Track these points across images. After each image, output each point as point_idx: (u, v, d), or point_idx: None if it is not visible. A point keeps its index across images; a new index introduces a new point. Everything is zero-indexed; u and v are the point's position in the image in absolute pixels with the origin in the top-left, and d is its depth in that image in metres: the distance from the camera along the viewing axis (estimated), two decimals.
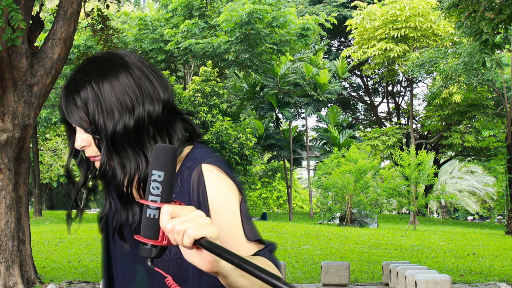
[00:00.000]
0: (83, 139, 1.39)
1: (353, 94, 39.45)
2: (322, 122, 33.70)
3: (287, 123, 32.16)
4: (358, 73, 36.10)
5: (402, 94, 37.05)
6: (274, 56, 26.62)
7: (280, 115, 31.52)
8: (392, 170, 23.24)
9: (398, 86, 36.64)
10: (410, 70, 24.02)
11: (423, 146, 31.05)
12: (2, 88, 7.95)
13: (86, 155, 1.42)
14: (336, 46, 39.39)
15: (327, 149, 30.85)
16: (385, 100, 37.59)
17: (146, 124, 1.36)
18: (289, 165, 31.26)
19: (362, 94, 39.38)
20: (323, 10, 32.72)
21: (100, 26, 10.43)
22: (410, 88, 30.38)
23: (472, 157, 32.42)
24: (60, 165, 30.92)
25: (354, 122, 37.64)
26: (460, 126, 27.56)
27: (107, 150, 1.36)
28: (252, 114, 32.43)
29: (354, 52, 27.41)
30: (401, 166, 21.96)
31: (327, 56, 36.38)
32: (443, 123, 28.21)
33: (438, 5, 23.98)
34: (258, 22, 24.71)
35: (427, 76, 28.41)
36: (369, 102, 38.41)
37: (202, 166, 1.38)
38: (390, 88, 36.44)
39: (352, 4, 31.89)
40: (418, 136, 32.20)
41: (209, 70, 24.84)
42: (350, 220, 22.10)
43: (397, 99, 36.86)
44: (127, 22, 27.65)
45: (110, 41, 10.35)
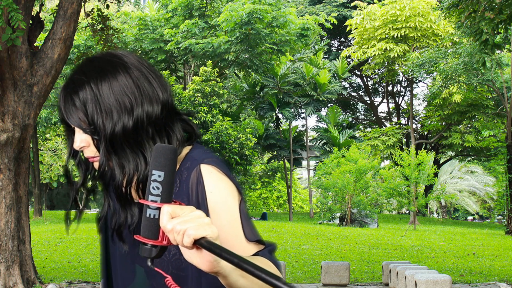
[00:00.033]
0: (82, 140, 1.39)
1: (353, 94, 39.44)
2: (322, 122, 33.70)
3: (287, 123, 32.16)
4: (358, 73, 36.09)
5: (402, 94, 37.05)
6: (274, 56, 26.61)
7: (280, 115, 31.52)
8: (392, 170, 23.23)
9: (398, 86, 36.64)
10: (410, 70, 24.01)
11: (423, 146, 31.05)
12: (2, 88, 7.95)
13: (85, 156, 1.42)
14: (336, 46, 39.39)
15: (327, 149, 30.84)
16: (385, 100, 37.59)
17: (145, 124, 1.36)
18: (289, 165, 31.26)
19: (362, 94, 39.38)
20: (323, 10, 32.72)
21: (100, 26, 10.43)
22: (410, 88, 30.38)
23: (472, 157, 32.41)
24: (60, 165, 30.92)
25: (354, 122, 37.63)
26: (460, 126, 27.56)
27: (106, 151, 1.36)
28: (252, 114, 32.42)
29: (354, 52, 27.41)
30: (401, 166, 21.96)
31: (327, 56, 36.38)
32: (443, 123, 28.21)
33: (438, 5, 23.98)
34: (258, 22, 24.70)
35: (427, 76, 28.42)
36: (369, 102, 38.41)
37: (201, 166, 1.38)
38: (390, 88, 36.43)
39: (352, 4, 31.88)
40: (418, 136, 32.20)
41: (209, 70, 24.84)
42: (350, 220, 22.10)
43: (397, 99, 36.86)
44: (127, 22, 27.64)
45: (110, 41, 10.35)
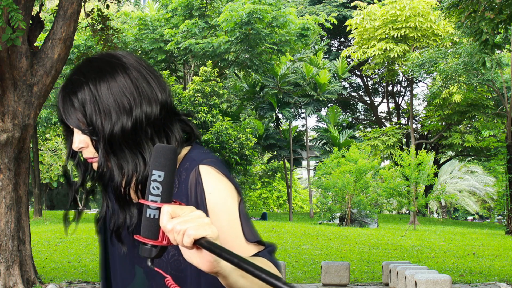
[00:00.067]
0: (81, 141, 1.39)
1: (353, 94, 39.44)
2: (322, 122, 33.70)
3: (287, 123, 32.15)
4: (358, 73, 36.09)
5: (402, 94, 37.05)
6: (274, 56, 26.61)
7: (280, 115, 31.52)
8: (392, 170, 23.23)
9: (398, 86, 36.63)
10: (410, 70, 24.01)
11: (423, 146, 31.05)
12: (2, 88, 7.95)
13: (84, 157, 1.42)
14: (336, 46, 39.38)
15: (327, 149, 30.84)
16: (385, 100, 37.59)
17: (144, 125, 1.36)
18: (289, 165, 31.25)
19: (362, 94, 39.37)
20: (323, 10, 32.72)
21: (100, 26, 10.42)
22: (410, 88, 30.38)
23: (472, 157, 32.41)
24: (60, 165, 30.92)
25: (354, 122, 37.63)
26: (460, 126, 27.56)
27: (105, 152, 1.36)
28: (252, 114, 32.41)
29: (354, 52, 27.40)
30: (401, 166, 21.96)
31: (327, 56, 36.38)
32: (443, 123, 28.21)
33: (438, 5, 23.98)
34: (258, 22, 24.70)
35: (427, 76, 28.41)
36: (369, 102, 38.41)
37: (200, 167, 1.37)
38: (390, 88, 36.43)
39: (352, 4, 31.88)
40: (418, 136, 32.19)
41: (209, 70, 24.83)
42: (350, 220, 22.09)
43: (397, 99, 36.86)
44: (127, 22, 27.64)
45: (110, 41, 10.35)
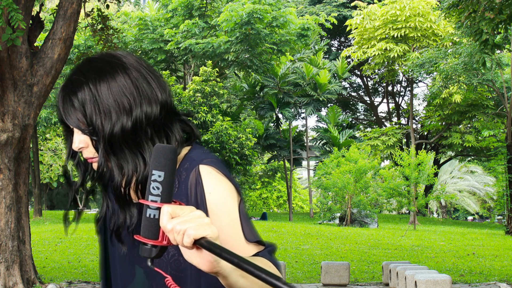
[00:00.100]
0: (81, 141, 1.39)
1: (353, 94, 39.44)
2: (322, 122, 33.69)
3: (287, 123, 32.15)
4: (358, 73, 36.09)
5: (402, 94, 37.05)
6: (274, 56, 26.61)
7: (280, 115, 31.52)
8: (392, 170, 23.23)
9: (398, 86, 36.63)
10: (410, 70, 24.01)
11: (423, 146, 31.05)
12: (2, 88, 7.95)
13: (84, 157, 1.42)
14: (336, 46, 39.38)
15: (327, 149, 30.84)
16: (385, 100, 37.59)
17: (144, 125, 1.36)
18: (289, 165, 31.25)
19: (362, 94, 39.37)
20: (323, 10, 32.72)
21: (100, 26, 10.42)
22: (410, 88, 30.37)
23: (472, 157, 32.41)
24: (60, 165, 30.92)
25: (354, 122, 37.63)
26: (460, 126, 27.56)
27: (105, 152, 1.36)
28: (252, 114, 32.41)
29: (354, 52, 27.40)
30: (401, 166, 21.96)
31: (327, 56, 36.37)
32: (443, 123, 28.21)
33: (438, 5, 23.97)
34: (258, 22, 24.70)
35: (427, 76, 28.41)
36: (369, 102, 38.41)
37: (200, 167, 1.37)
38: (390, 88, 36.43)
39: (352, 4, 31.88)
40: (418, 136, 32.19)
41: (209, 70, 24.83)
42: (350, 220, 22.09)
43: (397, 99, 36.86)
44: (127, 22, 27.64)
45: (110, 41, 10.35)
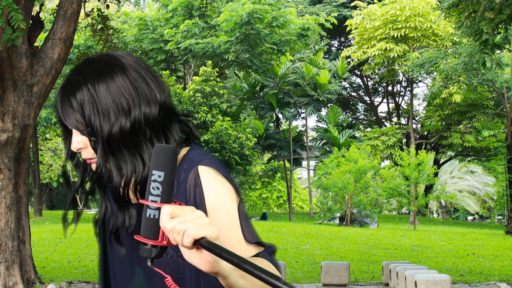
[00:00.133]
0: (79, 141, 1.38)
1: (353, 94, 39.43)
2: (322, 122, 33.69)
3: (287, 123, 32.15)
4: (358, 73, 36.09)
5: (402, 94, 37.05)
6: (274, 56, 26.61)
7: (280, 115, 31.51)
8: (392, 170, 23.23)
9: (398, 86, 36.63)
10: (410, 70, 24.01)
11: (423, 146, 31.04)
12: (2, 88, 7.95)
13: (83, 157, 1.42)
14: (336, 46, 39.38)
15: (327, 149, 30.84)
16: (385, 100, 37.59)
17: (143, 126, 1.36)
18: (289, 165, 31.25)
19: (362, 94, 39.37)
20: (323, 10, 32.72)
21: (100, 26, 10.42)
22: (410, 88, 30.37)
23: (472, 157, 32.41)
24: (60, 165, 30.92)
25: (354, 122, 37.62)
26: (460, 126, 27.55)
27: (103, 152, 1.35)
28: (252, 114, 32.41)
29: (354, 52, 27.40)
30: (401, 166, 21.96)
31: (327, 56, 36.37)
32: (443, 123, 28.20)
33: (438, 5, 23.97)
34: (258, 22, 24.70)
35: (427, 76, 28.41)
36: (369, 102, 38.40)
37: (199, 168, 1.37)
38: (390, 88, 36.43)
39: (352, 4, 31.88)
40: (418, 136, 32.19)
41: (209, 70, 24.83)
42: (350, 220, 22.09)
43: (397, 99, 36.86)
44: (127, 22, 27.64)
45: (110, 41, 10.35)
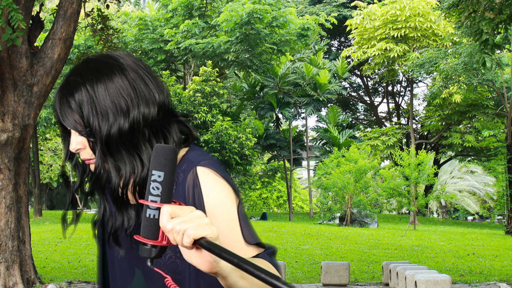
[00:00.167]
0: (78, 142, 1.38)
1: (353, 94, 39.43)
2: (322, 122, 33.69)
3: (287, 123, 32.15)
4: (358, 73, 36.09)
5: (402, 94, 37.05)
6: (274, 56, 26.61)
7: (280, 115, 31.51)
8: (392, 170, 23.23)
9: (398, 86, 36.63)
10: (410, 70, 24.01)
11: (423, 146, 31.04)
12: (2, 88, 7.95)
13: (81, 158, 1.41)
14: (336, 46, 39.38)
15: (327, 149, 30.83)
16: (385, 100, 37.59)
17: (141, 126, 1.35)
18: (289, 165, 31.25)
19: (362, 94, 39.37)
20: (323, 10, 32.72)
21: (100, 26, 10.42)
22: (410, 88, 30.37)
23: (472, 157, 32.41)
24: (60, 165, 30.92)
25: (354, 122, 37.62)
26: (460, 126, 27.55)
27: (102, 153, 1.35)
28: (252, 114, 32.41)
29: (354, 52, 27.40)
30: (401, 166, 21.95)
31: (327, 56, 36.37)
32: (443, 123, 28.20)
33: (438, 5, 23.97)
34: (258, 22, 24.70)
35: (427, 76, 28.40)
36: (369, 102, 38.40)
37: (197, 168, 1.37)
38: (390, 88, 36.42)
39: (352, 4, 31.88)
40: (418, 136, 32.19)
41: (209, 70, 24.83)
42: (350, 220, 22.09)
43: (397, 99, 36.86)
44: (127, 22, 27.64)
45: (110, 41, 10.35)
